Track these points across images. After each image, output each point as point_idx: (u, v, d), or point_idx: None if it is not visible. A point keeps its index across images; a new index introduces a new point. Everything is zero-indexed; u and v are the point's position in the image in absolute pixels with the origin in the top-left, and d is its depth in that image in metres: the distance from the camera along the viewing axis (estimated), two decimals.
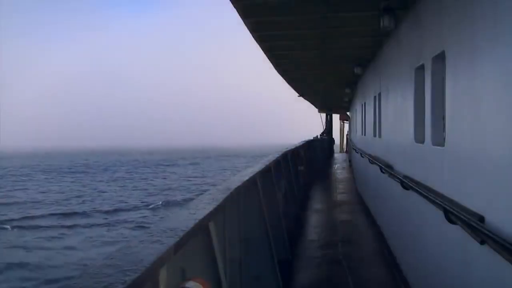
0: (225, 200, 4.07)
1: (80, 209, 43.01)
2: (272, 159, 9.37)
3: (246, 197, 5.57)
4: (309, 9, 8.16)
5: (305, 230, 11.78)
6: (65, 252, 27.03)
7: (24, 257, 26.46)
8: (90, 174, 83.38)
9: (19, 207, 44.60)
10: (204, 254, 3.60)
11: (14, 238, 32.07)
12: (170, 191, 55.21)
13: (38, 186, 63.13)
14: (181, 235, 2.69)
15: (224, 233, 4.21)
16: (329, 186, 21.17)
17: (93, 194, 53.62)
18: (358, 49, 11.81)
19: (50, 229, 34.31)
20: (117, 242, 26.62)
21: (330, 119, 38.62)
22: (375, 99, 12.29)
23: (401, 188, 7.10)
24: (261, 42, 10.26)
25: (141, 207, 44.05)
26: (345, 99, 25.59)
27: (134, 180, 70.32)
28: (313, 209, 14.92)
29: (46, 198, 51.26)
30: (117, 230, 33.55)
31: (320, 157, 28.64)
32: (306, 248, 10.07)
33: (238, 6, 7.53)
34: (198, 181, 65.95)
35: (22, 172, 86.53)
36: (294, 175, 13.90)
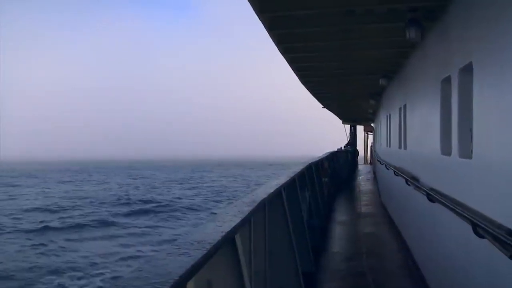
0: (251, 212, 4.08)
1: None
2: (297, 171, 9.36)
3: (271, 209, 5.57)
4: (334, 21, 8.18)
5: (329, 242, 11.71)
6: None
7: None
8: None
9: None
10: (230, 266, 3.61)
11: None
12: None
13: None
14: (208, 248, 2.70)
15: (249, 245, 4.21)
16: (353, 198, 21.03)
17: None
18: (383, 61, 11.77)
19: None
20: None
21: (354, 131, 38.41)
22: (400, 111, 12.21)
23: (427, 201, 7.02)
24: (286, 54, 10.29)
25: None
26: (370, 110, 25.45)
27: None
28: (337, 221, 14.83)
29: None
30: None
31: (344, 169, 28.45)
32: (330, 260, 10.01)
33: (264, 18, 7.59)
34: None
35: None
36: (319, 186, 13.85)
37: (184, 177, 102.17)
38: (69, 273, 24.61)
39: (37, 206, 51.77)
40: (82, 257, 27.96)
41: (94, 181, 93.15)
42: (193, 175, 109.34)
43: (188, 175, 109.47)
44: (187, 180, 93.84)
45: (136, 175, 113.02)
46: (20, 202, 55.66)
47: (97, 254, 28.43)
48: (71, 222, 40.67)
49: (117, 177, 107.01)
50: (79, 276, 23.90)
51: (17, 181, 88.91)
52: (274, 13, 7.64)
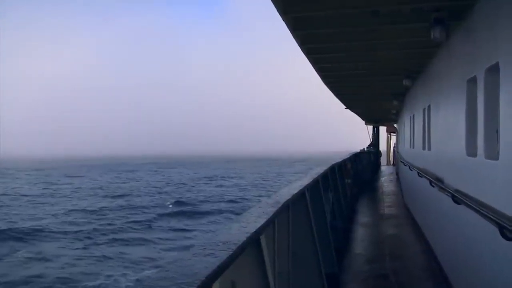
0: (275, 213, 4.08)
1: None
2: (320, 172, 9.33)
3: (295, 210, 5.57)
4: (358, 21, 8.14)
5: (352, 244, 11.66)
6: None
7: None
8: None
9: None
10: (255, 267, 3.62)
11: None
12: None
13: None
14: (234, 249, 2.71)
15: (274, 246, 4.22)
16: (376, 199, 20.89)
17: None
18: (407, 61, 11.67)
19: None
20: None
21: (377, 132, 38.15)
22: (424, 111, 12.10)
23: (452, 202, 6.95)
24: (309, 55, 10.27)
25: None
26: (393, 111, 25.27)
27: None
28: (359, 223, 14.75)
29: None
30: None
31: (367, 170, 28.26)
32: (353, 262, 9.97)
33: (287, 19, 7.59)
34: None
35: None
36: (341, 188, 13.79)
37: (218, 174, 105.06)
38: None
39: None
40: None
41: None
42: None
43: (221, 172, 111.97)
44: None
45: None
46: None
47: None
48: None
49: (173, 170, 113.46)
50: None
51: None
52: (297, 14, 7.64)
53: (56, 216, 42.48)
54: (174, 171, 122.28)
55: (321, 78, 13.90)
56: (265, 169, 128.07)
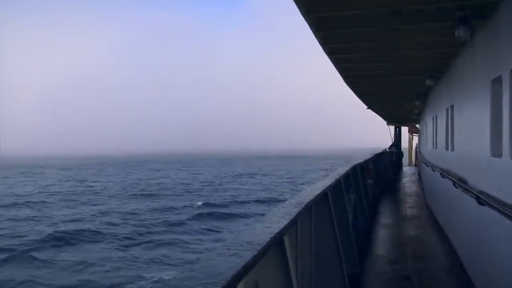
0: (298, 214, 4.09)
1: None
2: (342, 172, 9.31)
3: (317, 211, 5.57)
4: (380, 21, 8.10)
5: (374, 245, 11.59)
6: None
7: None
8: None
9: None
10: (278, 267, 3.63)
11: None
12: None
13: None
14: (258, 249, 2.72)
15: (296, 246, 4.23)
16: (398, 200, 20.75)
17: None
18: (430, 61, 11.57)
19: None
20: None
21: (399, 132, 37.88)
22: (447, 112, 11.98)
23: (476, 204, 6.88)
24: (331, 55, 10.24)
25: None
26: (415, 111, 25.05)
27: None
28: (381, 223, 14.66)
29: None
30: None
31: (389, 170, 28.09)
32: (375, 263, 9.92)
33: (310, 19, 7.58)
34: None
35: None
36: (363, 188, 13.73)
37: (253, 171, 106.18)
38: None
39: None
40: None
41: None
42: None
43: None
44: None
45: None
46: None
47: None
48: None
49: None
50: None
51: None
52: (320, 14, 7.62)
53: (93, 215, 42.60)
54: (198, 169, 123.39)
55: (343, 78, 13.84)
56: (292, 166, 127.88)
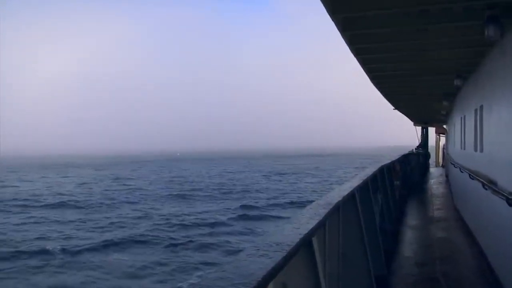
0: (326, 215, 4.09)
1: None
2: (370, 174, 9.27)
3: (345, 211, 5.57)
4: (407, 21, 8.03)
5: (401, 246, 11.50)
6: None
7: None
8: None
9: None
10: (306, 269, 3.63)
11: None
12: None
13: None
14: (287, 250, 2.74)
15: (324, 247, 4.23)
16: (425, 202, 20.54)
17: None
18: (458, 61, 11.41)
19: None
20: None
21: (426, 133, 37.47)
22: (476, 112, 11.81)
23: (506, 205, 6.78)
24: (358, 55, 10.19)
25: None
26: (443, 112, 24.74)
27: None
28: (408, 225, 14.53)
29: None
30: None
31: (416, 171, 27.81)
32: (402, 265, 9.84)
33: (336, 19, 7.56)
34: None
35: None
36: (390, 190, 13.63)
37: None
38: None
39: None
40: None
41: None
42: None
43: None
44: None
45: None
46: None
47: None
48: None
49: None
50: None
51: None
52: (346, 14, 7.60)
53: (135, 218, 42.32)
54: (228, 168, 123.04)
55: (369, 78, 13.76)
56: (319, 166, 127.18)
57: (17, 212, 46.19)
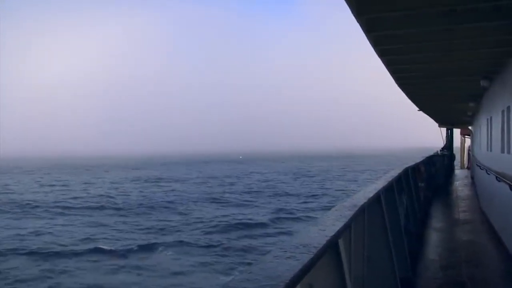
0: (352, 217, 4.07)
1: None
2: (394, 175, 9.20)
3: (370, 213, 5.54)
4: (433, 21, 7.96)
5: (426, 249, 11.38)
6: None
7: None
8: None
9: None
10: (332, 271, 3.62)
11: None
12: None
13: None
14: (314, 252, 2.73)
15: (350, 249, 4.21)
16: (450, 204, 20.29)
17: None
18: (485, 61, 11.26)
19: None
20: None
21: (450, 134, 37.02)
22: (503, 113, 11.65)
23: None
24: (382, 56, 10.13)
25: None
26: (468, 113, 24.43)
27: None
28: (433, 227, 14.37)
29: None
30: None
31: (440, 173, 27.48)
32: (427, 267, 9.74)
33: (361, 20, 7.54)
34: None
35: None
36: (415, 191, 13.50)
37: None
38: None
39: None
40: None
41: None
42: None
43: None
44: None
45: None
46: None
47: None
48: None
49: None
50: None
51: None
52: (371, 15, 7.57)
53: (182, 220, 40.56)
54: (264, 169, 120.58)
55: (394, 79, 13.67)
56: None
57: (112, 214, 44.61)
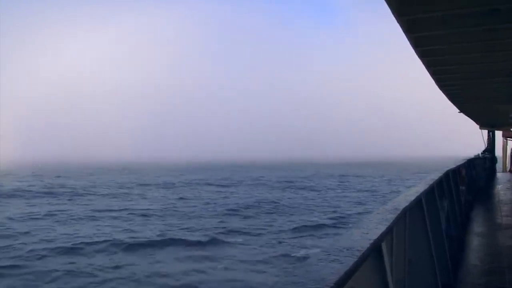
0: (394, 220, 4.03)
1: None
2: (435, 178, 9.04)
3: (411, 217, 5.46)
4: (476, 21, 7.80)
5: (467, 254, 11.13)
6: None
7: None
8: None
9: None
10: (375, 275, 3.57)
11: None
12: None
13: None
14: (358, 255, 2.71)
15: (391, 253, 4.16)
16: (492, 208, 19.79)
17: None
18: None
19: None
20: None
21: (492, 136, 36.13)
22: None
23: None
24: (423, 57, 9.99)
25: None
26: (511, 115, 23.87)
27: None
28: (475, 232, 14.04)
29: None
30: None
31: (482, 177, 26.85)
32: (469, 273, 9.52)
33: (402, 21, 7.45)
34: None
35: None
36: (456, 195, 13.23)
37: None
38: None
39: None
40: None
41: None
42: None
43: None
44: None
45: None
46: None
47: None
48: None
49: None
50: None
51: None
52: (412, 16, 7.47)
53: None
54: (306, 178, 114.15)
55: (434, 81, 13.46)
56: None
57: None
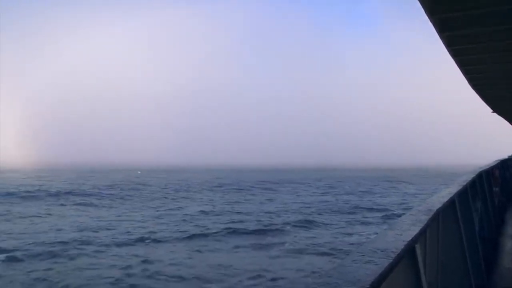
0: (428, 221, 3.98)
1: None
2: (468, 179, 8.90)
3: (444, 218, 5.39)
4: (509, 19, 7.64)
5: (500, 257, 10.92)
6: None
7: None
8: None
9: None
10: (409, 276, 3.54)
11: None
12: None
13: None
14: (393, 257, 2.69)
15: (425, 255, 4.11)
16: None
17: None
18: None
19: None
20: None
21: None
22: None
23: None
24: (456, 57, 9.83)
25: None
26: None
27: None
28: (508, 234, 13.77)
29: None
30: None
31: None
32: (503, 276, 9.34)
33: (434, 20, 7.34)
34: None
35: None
36: (489, 196, 12.99)
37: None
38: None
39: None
40: None
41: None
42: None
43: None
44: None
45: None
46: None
47: None
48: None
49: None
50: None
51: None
52: (445, 14, 7.35)
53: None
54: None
55: (467, 80, 13.21)
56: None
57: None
